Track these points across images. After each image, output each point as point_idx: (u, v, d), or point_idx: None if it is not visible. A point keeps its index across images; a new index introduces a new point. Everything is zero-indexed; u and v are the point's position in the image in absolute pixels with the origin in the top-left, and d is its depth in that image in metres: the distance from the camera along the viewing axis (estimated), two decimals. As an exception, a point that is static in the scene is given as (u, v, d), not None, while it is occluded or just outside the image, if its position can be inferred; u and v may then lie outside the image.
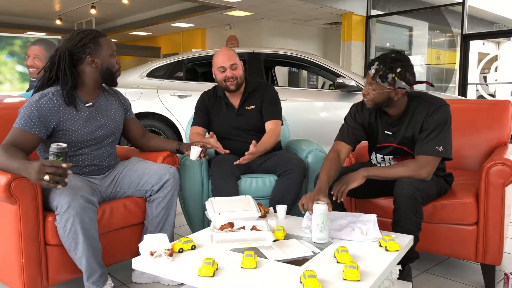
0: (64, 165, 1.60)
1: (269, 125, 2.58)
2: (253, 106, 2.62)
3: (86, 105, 2.02)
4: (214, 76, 2.59)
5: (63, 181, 1.61)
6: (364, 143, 2.54)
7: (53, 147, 1.62)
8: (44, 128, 1.88)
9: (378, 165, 2.19)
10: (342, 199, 1.91)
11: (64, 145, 1.64)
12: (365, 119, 2.11)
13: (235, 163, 2.33)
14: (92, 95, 2.05)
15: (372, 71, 1.89)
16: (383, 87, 1.88)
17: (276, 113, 2.62)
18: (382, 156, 2.14)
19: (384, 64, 1.86)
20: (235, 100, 2.64)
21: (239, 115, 2.62)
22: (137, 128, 2.30)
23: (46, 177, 1.57)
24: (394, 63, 1.85)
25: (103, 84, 2.11)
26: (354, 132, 2.12)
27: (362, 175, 1.94)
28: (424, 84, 2.21)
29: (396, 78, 1.85)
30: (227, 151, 2.30)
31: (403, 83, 1.87)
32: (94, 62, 1.97)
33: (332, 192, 1.95)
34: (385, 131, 2.07)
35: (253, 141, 2.32)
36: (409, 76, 1.88)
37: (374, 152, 2.19)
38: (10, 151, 1.75)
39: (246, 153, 2.28)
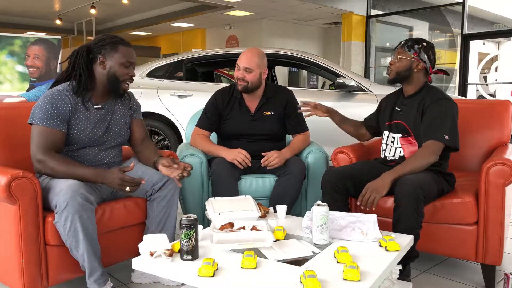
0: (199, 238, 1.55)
1: (300, 137, 2.62)
2: (272, 113, 2.57)
3: (95, 106, 2.02)
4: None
5: None
6: (367, 143, 2.62)
7: (184, 219, 1.51)
8: (63, 124, 1.92)
9: (385, 145, 2.26)
10: (373, 208, 1.93)
11: (194, 216, 1.53)
12: (387, 102, 2.39)
13: (263, 164, 2.41)
14: (102, 98, 2.06)
15: (402, 42, 2.21)
16: (408, 55, 2.15)
17: (304, 125, 2.65)
18: (392, 136, 2.23)
19: (412, 39, 2.20)
20: (252, 104, 2.58)
21: (255, 119, 2.57)
22: (137, 132, 2.20)
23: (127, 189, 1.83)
24: (421, 39, 2.19)
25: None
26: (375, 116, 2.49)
27: (389, 180, 1.97)
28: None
29: (421, 50, 2.14)
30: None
31: (426, 56, 2.14)
32: (103, 64, 1.97)
33: (358, 203, 1.97)
34: (396, 107, 2.28)
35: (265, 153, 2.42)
36: (431, 55, 2.17)
37: (385, 131, 2.29)
38: (64, 159, 1.88)
39: (270, 159, 2.39)
